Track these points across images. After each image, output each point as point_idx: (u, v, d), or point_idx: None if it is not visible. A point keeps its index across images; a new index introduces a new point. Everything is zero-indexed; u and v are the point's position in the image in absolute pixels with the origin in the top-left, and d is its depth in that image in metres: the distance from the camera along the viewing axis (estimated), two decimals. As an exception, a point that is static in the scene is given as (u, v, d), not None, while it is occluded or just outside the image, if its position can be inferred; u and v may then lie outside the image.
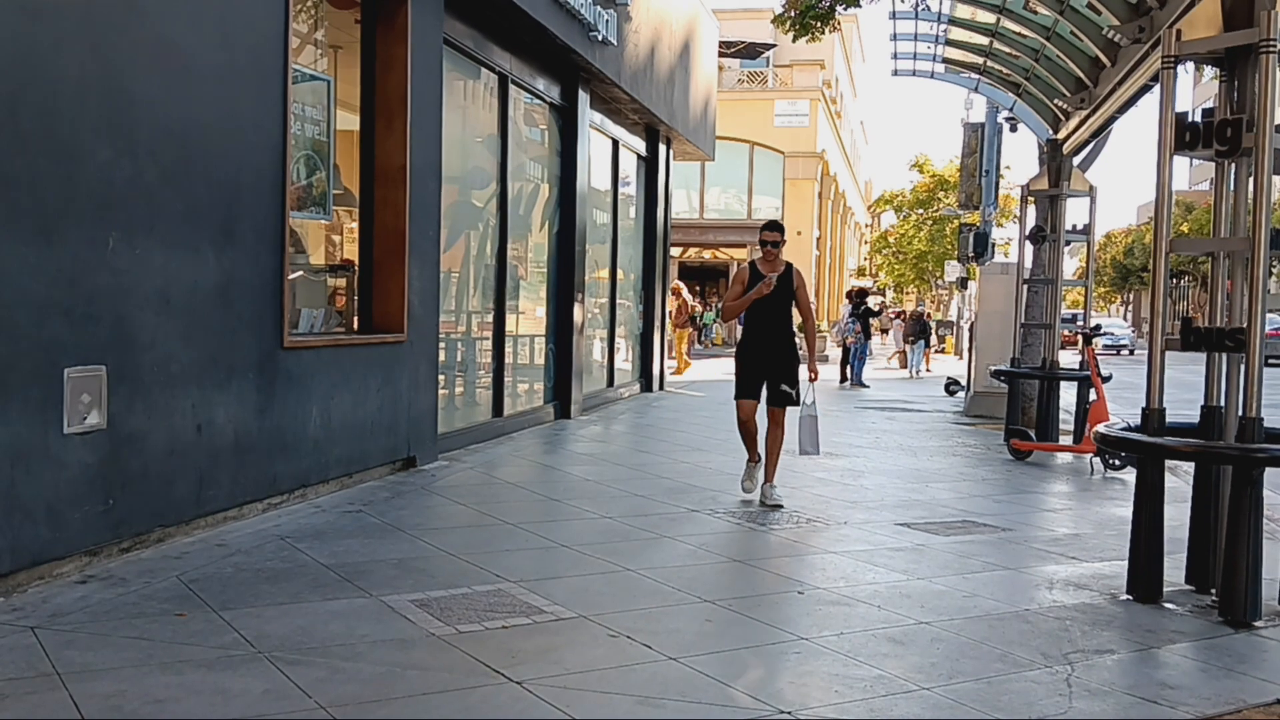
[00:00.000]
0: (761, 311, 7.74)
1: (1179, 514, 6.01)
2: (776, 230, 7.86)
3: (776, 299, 7.66)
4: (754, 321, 7.83)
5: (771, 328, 7.75)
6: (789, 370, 7.70)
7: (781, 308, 7.73)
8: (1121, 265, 65.70)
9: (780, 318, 7.76)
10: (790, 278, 7.73)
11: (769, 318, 7.75)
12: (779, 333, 7.76)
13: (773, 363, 7.67)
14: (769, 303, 7.67)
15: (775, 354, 7.71)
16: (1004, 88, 13.36)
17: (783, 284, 7.67)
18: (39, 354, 4.90)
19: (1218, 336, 5.29)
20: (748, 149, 39.71)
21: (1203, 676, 4.51)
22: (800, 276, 7.84)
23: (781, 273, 7.72)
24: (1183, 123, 5.42)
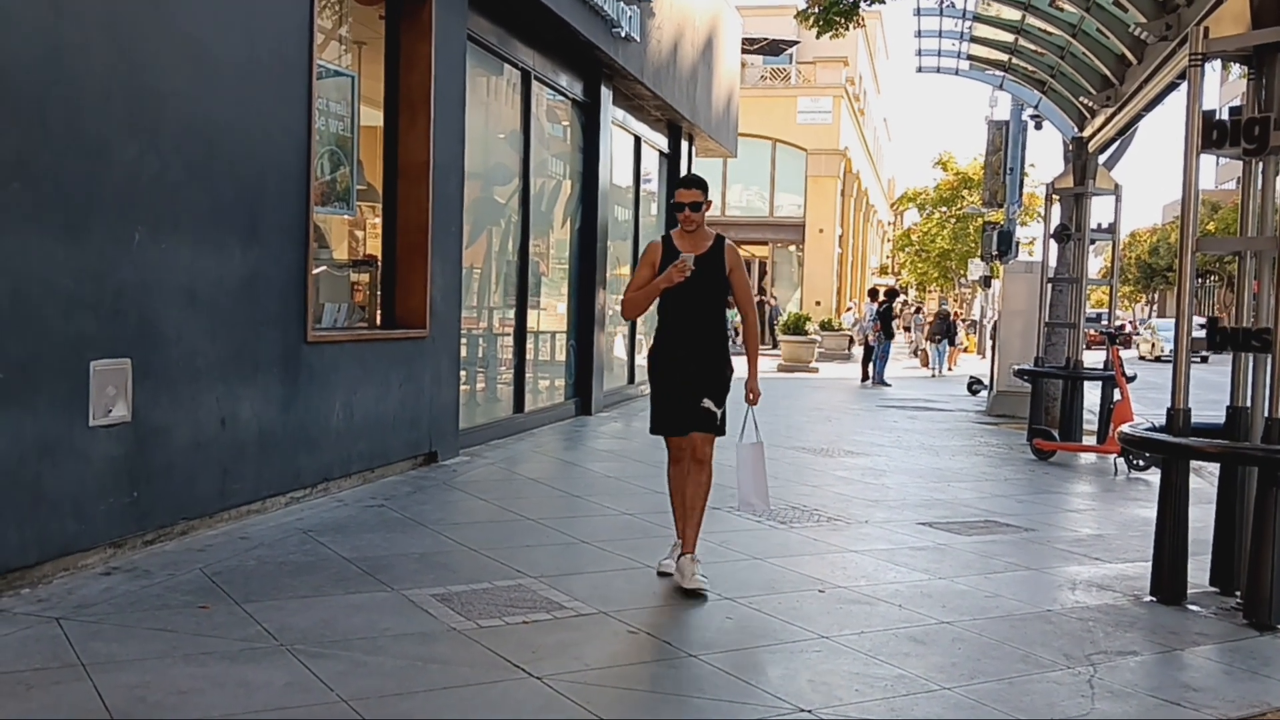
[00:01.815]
0: (679, 304, 5.50)
1: (1203, 515, 5.97)
2: (695, 187, 5.55)
3: (700, 287, 5.44)
4: (669, 319, 5.58)
5: (693, 326, 5.52)
6: (716, 381, 5.50)
7: (708, 299, 5.53)
8: (1146, 264, 65.23)
9: (706, 312, 5.55)
10: (719, 256, 5.51)
11: (689, 313, 5.51)
12: (704, 333, 5.54)
13: (694, 374, 5.47)
14: (689, 292, 5.43)
15: (698, 362, 5.49)
16: (1029, 85, 13.28)
17: (708, 266, 5.46)
18: (65, 348, 4.94)
19: (1244, 337, 5.25)
20: (770, 146, 39.62)
21: (1226, 679, 4.48)
22: (735, 254, 5.59)
23: (707, 250, 5.49)
24: (1210, 121, 5.38)
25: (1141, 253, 65.84)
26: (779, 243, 40.66)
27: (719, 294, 5.56)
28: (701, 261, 5.41)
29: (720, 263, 5.51)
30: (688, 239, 5.51)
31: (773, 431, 12.19)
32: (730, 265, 5.53)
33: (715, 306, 5.58)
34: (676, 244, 5.50)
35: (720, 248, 5.53)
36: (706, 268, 5.44)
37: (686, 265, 5.30)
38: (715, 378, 5.50)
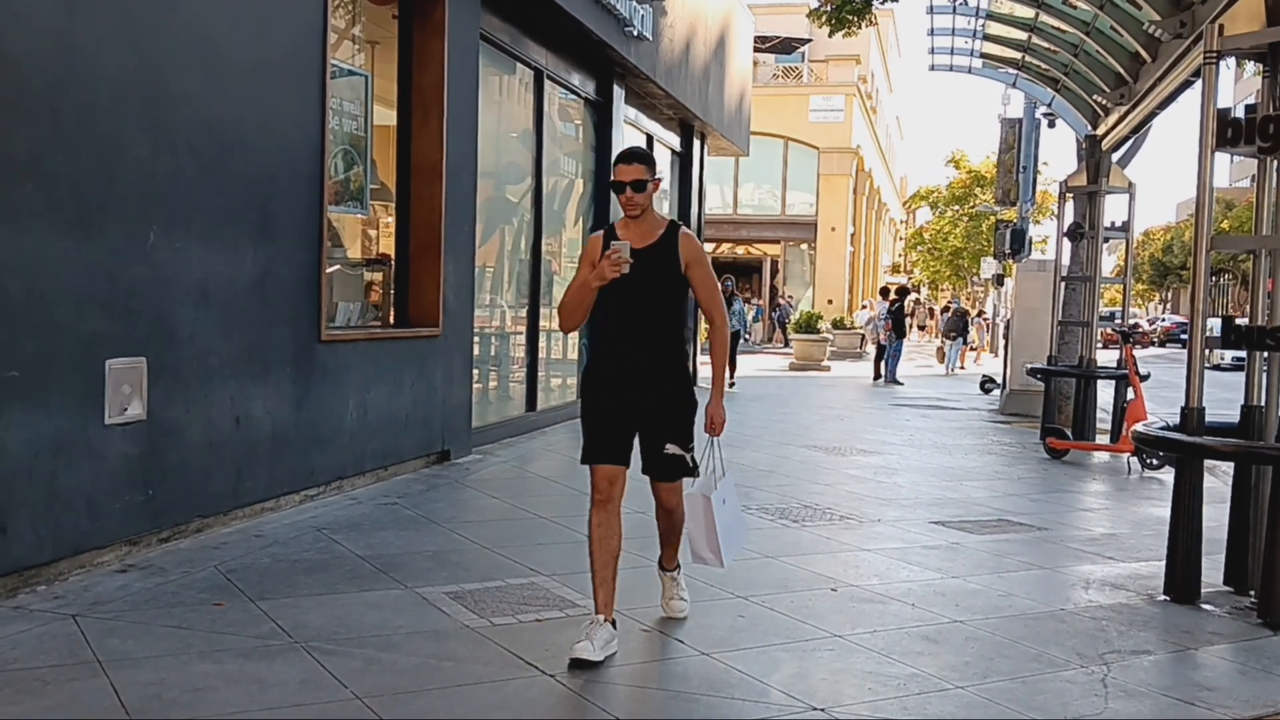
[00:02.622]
0: (618, 309, 4.42)
1: (1217, 514, 5.95)
2: (637, 161, 4.43)
3: (645, 286, 4.36)
4: (606, 327, 4.51)
5: (635, 337, 4.44)
6: (674, 411, 4.48)
7: (656, 302, 4.44)
8: (1160, 263, 65.00)
9: (653, 319, 4.46)
10: (671, 248, 4.44)
11: (631, 319, 4.43)
12: (650, 345, 4.46)
13: (642, 398, 4.43)
14: (631, 293, 4.34)
15: (645, 382, 4.42)
16: (1042, 83, 13.24)
17: (656, 260, 4.39)
18: (80, 346, 4.97)
19: (1259, 335, 5.23)
20: (782, 144, 39.60)
21: (1240, 678, 4.46)
22: (693, 245, 4.50)
23: (656, 241, 4.43)
24: (1225, 119, 5.36)
25: (1155, 251, 65.61)
26: (791, 241, 40.63)
27: (672, 295, 4.46)
28: (648, 255, 4.35)
29: (672, 256, 4.40)
30: (633, 227, 4.45)
31: (785, 430, 12.21)
32: (687, 259, 4.43)
33: (666, 312, 4.45)
34: (620, 234, 4.44)
35: (673, 238, 4.44)
36: (654, 262, 4.35)
37: (621, 256, 4.21)
38: (666, 403, 4.46)
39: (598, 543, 4.39)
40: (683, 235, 4.49)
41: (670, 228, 4.50)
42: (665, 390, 4.49)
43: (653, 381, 4.46)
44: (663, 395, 4.48)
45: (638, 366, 4.44)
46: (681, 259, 4.45)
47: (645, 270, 4.33)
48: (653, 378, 4.46)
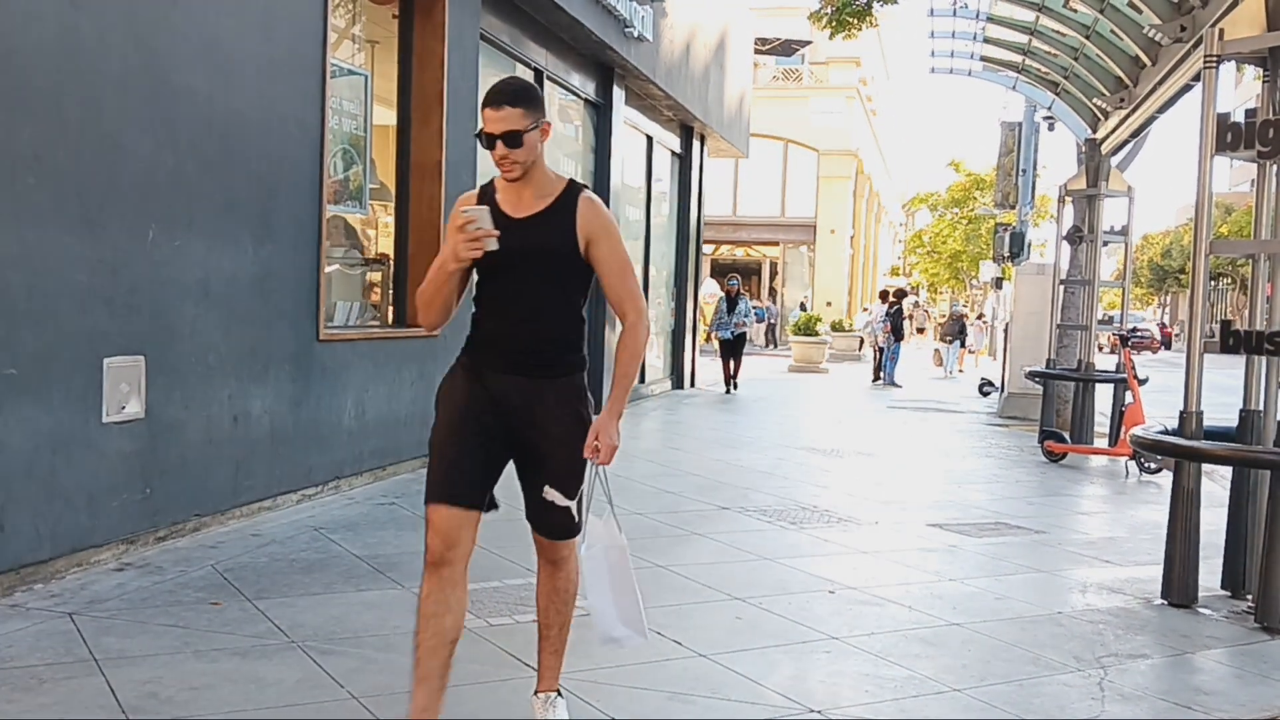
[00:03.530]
0: (496, 297, 3.37)
1: (1215, 518, 5.96)
2: (508, 103, 3.20)
3: (529, 268, 3.30)
4: (481, 320, 3.43)
5: (516, 336, 3.35)
6: (558, 441, 3.34)
7: (544, 290, 3.34)
8: (1159, 267, 65.00)
9: (540, 312, 3.34)
10: (566, 218, 3.32)
11: (511, 312, 3.35)
12: (536, 348, 3.35)
13: (517, 421, 3.33)
14: (511, 276, 3.32)
15: (522, 399, 3.32)
16: (1042, 86, 13.24)
17: (544, 233, 3.30)
18: (80, 343, 4.97)
19: (1257, 340, 5.23)
20: (782, 146, 39.62)
21: (1237, 682, 4.46)
22: (598, 214, 3.35)
23: (547, 208, 3.33)
24: (1224, 123, 5.36)
25: (1154, 255, 65.61)
26: (791, 243, 40.65)
27: (565, 282, 3.33)
28: (533, 227, 3.27)
29: (566, 229, 3.28)
30: (514, 190, 3.31)
31: (783, 432, 12.22)
32: (588, 233, 3.29)
33: (556, 304, 3.34)
34: (498, 199, 3.32)
35: (569, 204, 3.31)
36: (540, 236, 3.27)
37: (479, 228, 3.12)
38: (550, 430, 3.30)
39: (425, 620, 3.20)
40: (584, 201, 3.32)
41: (568, 191, 3.34)
42: (549, 412, 3.30)
43: (533, 399, 3.29)
44: (546, 419, 3.30)
45: (514, 378, 3.30)
46: (580, 233, 3.29)
47: (528, 247, 3.23)
48: (534, 393, 3.29)
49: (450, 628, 3.22)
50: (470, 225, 3.13)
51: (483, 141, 3.24)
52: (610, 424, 3.28)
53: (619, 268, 3.39)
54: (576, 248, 3.31)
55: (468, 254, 3.17)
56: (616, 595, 3.44)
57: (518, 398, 3.31)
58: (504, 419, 3.31)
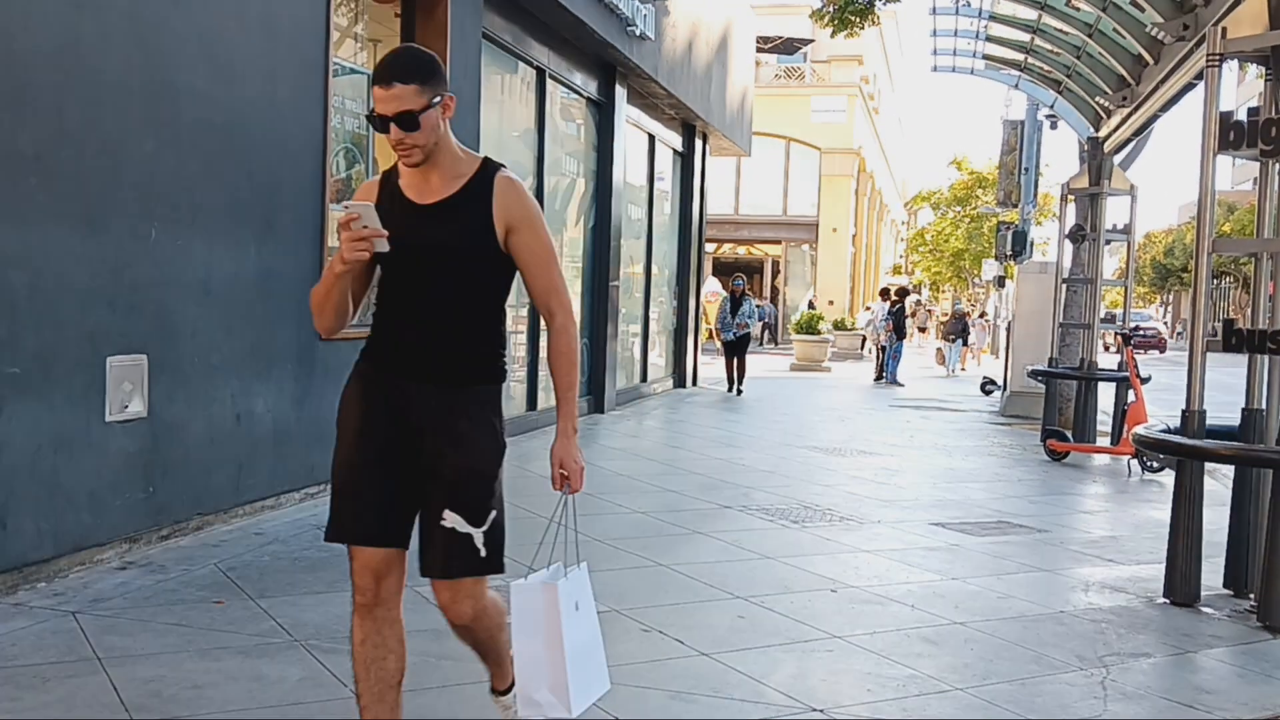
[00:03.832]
0: (398, 295, 2.93)
1: (1217, 517, 5.95)
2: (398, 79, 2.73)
3: (437, 262, 2.86)
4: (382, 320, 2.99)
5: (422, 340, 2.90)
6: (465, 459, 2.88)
7: (454, 287, 2.88)
8: (1161, 265, 64.97)
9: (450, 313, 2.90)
10: (480, 203, 2.87)
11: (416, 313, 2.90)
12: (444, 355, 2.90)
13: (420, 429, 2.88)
14: (415, 272, 2.87)
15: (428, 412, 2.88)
16: (1045, 85, 13.25)
17: (455, 222, 2.85)
18: (83, 342, 4.97)
19: (1260, 338, 5.22)
20: (784, 145, 39.60)
21: (1239, 681, 4.46)
22: (519, 199, 2.90)
23: (456, 193, 2.88)
24: (1227, 121, 5.36)
25: (1157, 254, 65.58)
26: (793, 242, 40.62)
27: (479, 278, 2.88)
28: (441, 215, 2.83)
29: (480, 216, 2.84)
30: (420, 174, 2.87)
31: (785, 430, 12.22)
32: (507, 220, 2.85)
33: (469, 303, 2.89)
34: (401, 185, 2.90)
35: (484, 188, 2.86)
36: (450, 225, 2.82)
37: (366, 228, 2.67)
38: (456, 446, 2.84)
39: (366, 666, 2.92)
40: (502, 183, 2.87)
41: (482, 172, 2.89)
42: (457, 424, 2.84)
43: (440, 409, 2.84)
44: (452, 431, 2.83)
45: (419, 386, 2.86)
46: (498, 221, 2.84)
47: (437, 238, 2.81)
48: (441, 403, 2.84)
49: (393, 670, 2.95)
50: (354, 224, 2.69)
51: (374, 124, 2.78)
52: (569, 446, 2.99)
53: (543, 260, 2.92)
54: (494, 237, 2.85)
55: (353, 256, 2.71)
56: (546, 651, 2.92)
57: (422, 408, 2.85)
58: (408, 434, 2.86)
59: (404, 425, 2.87)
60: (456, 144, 2.92)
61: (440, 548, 2.87)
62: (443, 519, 2.84)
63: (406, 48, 2.87)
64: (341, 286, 2.85)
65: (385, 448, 2.87)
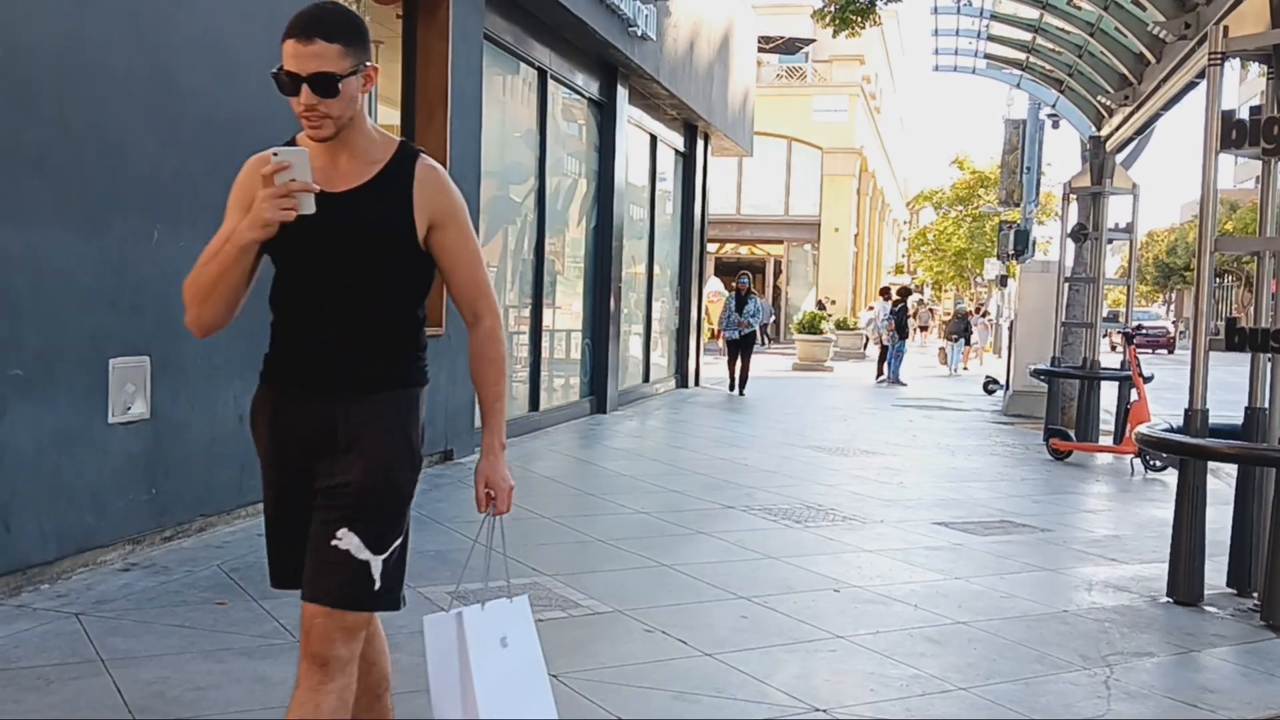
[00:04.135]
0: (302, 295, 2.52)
1: (1220, 516, 5.95)
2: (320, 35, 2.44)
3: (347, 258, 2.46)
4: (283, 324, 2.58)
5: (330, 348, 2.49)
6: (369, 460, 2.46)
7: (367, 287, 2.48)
8: (1164, 264, 64.90)
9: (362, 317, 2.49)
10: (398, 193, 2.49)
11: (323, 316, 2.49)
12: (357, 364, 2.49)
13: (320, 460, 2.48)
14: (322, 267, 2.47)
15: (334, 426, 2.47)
16: (1046, 84, 13.24)
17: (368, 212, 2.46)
18: (85, 343, 4.98)
19: (1262, 337, 5.22)
20: (786, 145, 39.59)
21: (1243, 680, 4.46)
22: (442, 189, 2.52)
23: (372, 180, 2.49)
24: (1229, 120, 5.35)
25: (1159, 252, 65.52)
26: (795, 242, 40.62)
27: (397, 276, 2.51)
28: (353, 204, 2.45)
29: (398, 207, 2.48)
30: (327, 155, 2.49)
31: (788, 430, 12.21)
32: (431, 213, 2.50)
33: (383, 304, 2.51)
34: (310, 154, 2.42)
35: (404, 174, 2.50)
36: (363, 216, 2.45)
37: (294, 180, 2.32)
38: (358, 460, 2.45)
39: None
40: (424, 170, 2.52)
41: (400, 157, 2.52)
42: (358, 431, 2.46)
43: (342, 419, 2.46)
44: (355, 440, 2.45)
45: (321, 403, 2.47)
46: (420, 213, 2.48)
47: (346, 232, 2.42)
48: (344, 412, 2.46)
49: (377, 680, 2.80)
50: (282, 175, 2.28)
51: (282, 85, 2.45)
52: (497, 464, 2.68)
53: (469, 259, 2.57)
54: (413, 233, 2.48)
55: (277, 215, 2.30)
56: (461, 687, 2.52)
57: (327, 425, 2.46)
58: (318, 458, 2.48)
59: (313, 451, 2.48)
60: (372, 125, 2.54)
61: (328, 570, 2.41)
62: (336, 538, 2.40)
63: (332, 2, 2.48)
64: (243, 266, 2.43)
65: (299, 489, 2.50)
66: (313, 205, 2.33)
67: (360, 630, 2.49)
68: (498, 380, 2.68)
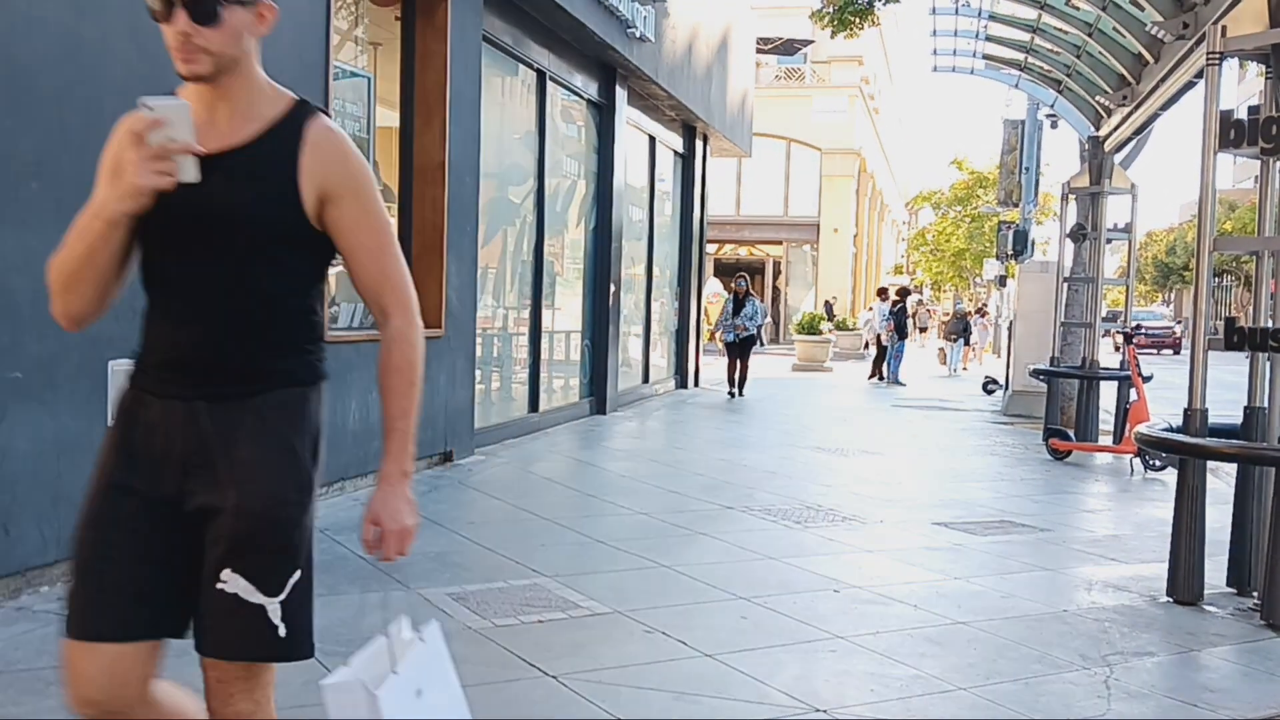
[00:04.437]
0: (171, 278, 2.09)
1: (1220, 516, 5.96)
2: None
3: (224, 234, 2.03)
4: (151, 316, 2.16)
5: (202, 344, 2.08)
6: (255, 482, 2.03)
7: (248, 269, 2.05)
8: (1163, 264, 64.93)
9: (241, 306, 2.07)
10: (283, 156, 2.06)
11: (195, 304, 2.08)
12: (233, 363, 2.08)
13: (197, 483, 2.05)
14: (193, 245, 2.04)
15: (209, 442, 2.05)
16: (1045, 84, 13.25)
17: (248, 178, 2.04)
18: (85, 347, 4.97)
19: (1261, 337, 5.22)
20: (785, 146, 39.58)
21: (1243, 680, 4.46)
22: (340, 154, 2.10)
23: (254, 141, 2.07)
24: (1227, 120, 5.35)
25: (1158, 252, 65.55)
26: (794, 243, 40.62)
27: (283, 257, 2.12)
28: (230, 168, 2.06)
29: (282, 173, 2.08)
30: (204, 105, 2.14)
31: (787, 431, 12.22)
32: (323, 183, 2.10)
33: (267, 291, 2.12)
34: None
35: (292, 135, 2.11)
36: (237, 184, 2.05)
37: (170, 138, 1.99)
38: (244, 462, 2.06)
39: None
40: (318, 131, 2.11)
41: (292, 116, 2.13)
42: (239, 447, 2.05)
43: (217, 430, 2.06)
44: (233, 463, 2.04)
45: (192, 403, 2.07)
46: (307, 183, 2.06)
47: (219, 202, 2.02)
48: (219, 422, 2.06)
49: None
50: (157, 133, 1.94)
51: (153, 10, 2.11)
52: (390, 497, 2.15)
53: (373, 243, 2.16)
54: (298, 209, 2.05)
55: (150, 181, 1.94)
56: None
57: (194, 435, 2.05)
58: (174, 476, 2.06)
59: (179, 465, 2.06)
60: (265, 77, 2.16)
61: (220, 618, 2.03)
62: (221, 580, 2.01)
63: None
64: (113, 245, 2.02)
65: (133, 516, 2.07)
66: (195, 171, 1.96)
67: (268, 685, 2.17)
68: (405, 392, 2.18)
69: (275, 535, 2.04)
